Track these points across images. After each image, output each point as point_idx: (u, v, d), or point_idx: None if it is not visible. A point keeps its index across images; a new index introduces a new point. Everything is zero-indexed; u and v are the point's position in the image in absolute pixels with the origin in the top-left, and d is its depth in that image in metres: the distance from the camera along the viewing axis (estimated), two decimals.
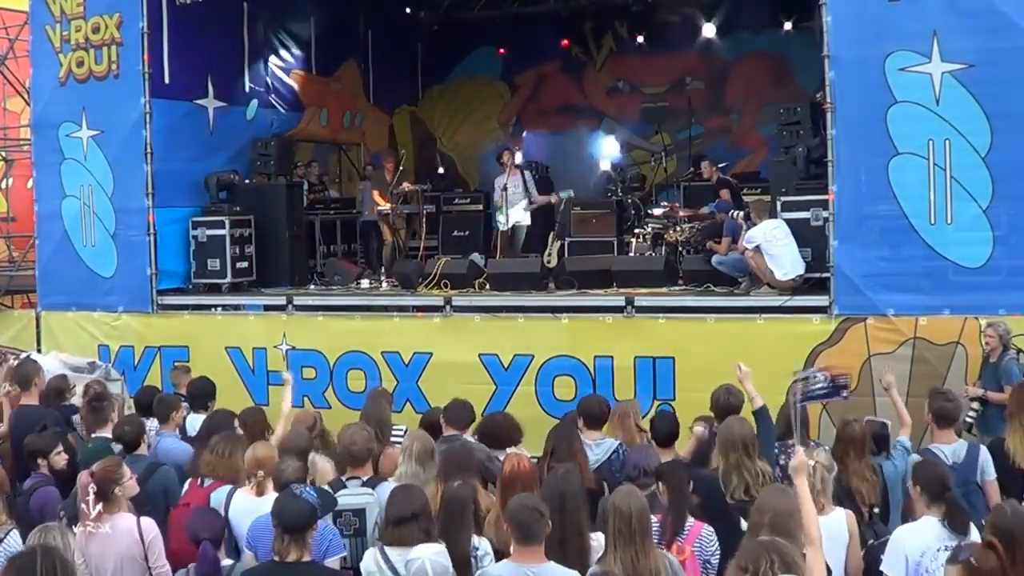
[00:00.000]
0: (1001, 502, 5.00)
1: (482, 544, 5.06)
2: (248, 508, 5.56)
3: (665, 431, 6.66)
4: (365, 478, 5.78)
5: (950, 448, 6.36)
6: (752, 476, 5.73)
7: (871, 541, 5.52)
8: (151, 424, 7.41)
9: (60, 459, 6.66)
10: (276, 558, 4.71)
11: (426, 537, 4.80)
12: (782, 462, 5.99)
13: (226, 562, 5.24)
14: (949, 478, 5.20)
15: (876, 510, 5.86)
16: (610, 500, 4.85)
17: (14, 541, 5.31)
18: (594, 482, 6.13)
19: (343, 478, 5.81)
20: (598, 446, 6.62)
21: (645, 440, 6.73)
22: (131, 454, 6.53)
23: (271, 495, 5.43)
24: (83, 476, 5.40)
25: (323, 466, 5.98)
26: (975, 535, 4.82)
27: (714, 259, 10.20)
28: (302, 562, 4.66)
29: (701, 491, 5.58)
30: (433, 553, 4.69)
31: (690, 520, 5.36)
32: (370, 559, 4.88)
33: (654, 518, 5.01)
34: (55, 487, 6.37)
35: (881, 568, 5.04)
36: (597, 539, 4.87)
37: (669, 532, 5.18)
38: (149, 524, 5.41)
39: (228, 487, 5.84)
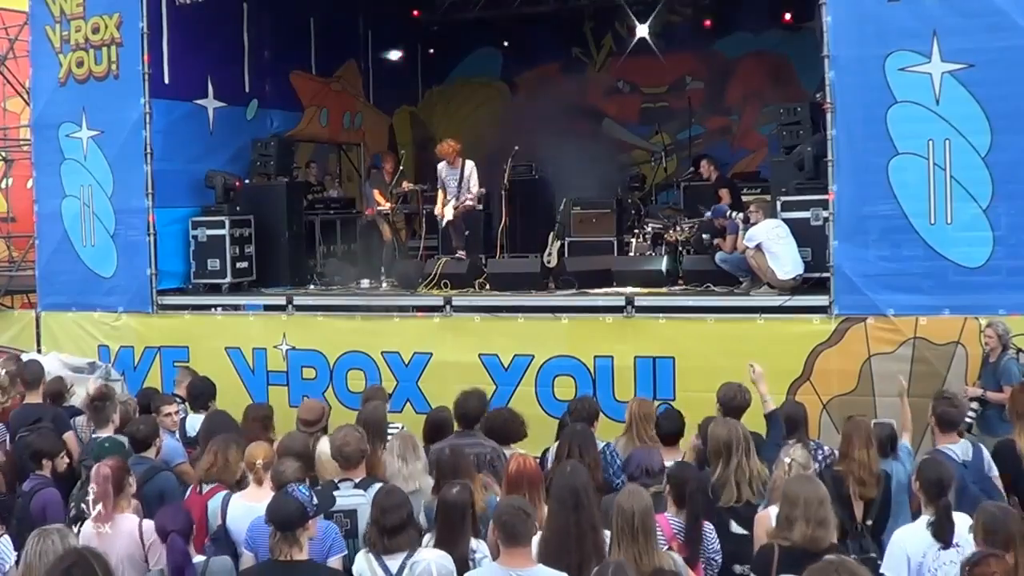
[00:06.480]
0: (985, 503, 4.96)
1: (480, 547, 5.05)
2: (245, 510, 5.55)
3: (670, 429, 6.65)
4: (357, 480, 5.77)
5: (959, 447, 6.40)
6: (747, 479, 5.70)
7: (852, 556, 4.99)
8: None
9: (63, 461, 6.60)
10: (271, 556, 4.74)
11: (417, 535, 4.85)
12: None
13: (198, 558, 5.21)
14: (948, 482, 5.15)
15: (869, 522, 5.72)
16: (614, 499, 4.84)
17: (5, 547, 5.25)
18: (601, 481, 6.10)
19: (335, 480, 5.81)
20: None
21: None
22: (138, 454, 6.48)
23: (270, 495, 5.44)
24: (101, 468, 5.36)
25: (322, 448, 6.02)
26: (965, 544, 4.79)
27: (717, 256, 10.21)
28: (296, 560, 4.67)
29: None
30: (439, 556, 4.70)
31: None
32: (362, 562, 4.89)
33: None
34: (56, 488, 6.31)
35: (882, 570, 5.01)
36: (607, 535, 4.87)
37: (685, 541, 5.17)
38: (150, 526, 5.39)
39: (223, 492, 5.82)
